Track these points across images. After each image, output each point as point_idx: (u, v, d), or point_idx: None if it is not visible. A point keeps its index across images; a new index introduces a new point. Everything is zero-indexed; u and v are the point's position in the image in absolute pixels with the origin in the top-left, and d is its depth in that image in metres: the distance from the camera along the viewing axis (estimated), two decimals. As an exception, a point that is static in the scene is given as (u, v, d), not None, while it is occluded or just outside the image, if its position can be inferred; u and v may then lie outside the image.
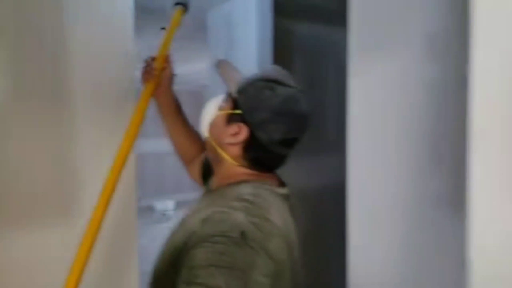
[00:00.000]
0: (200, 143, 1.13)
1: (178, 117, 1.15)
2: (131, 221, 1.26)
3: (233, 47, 2.68)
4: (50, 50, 1.11)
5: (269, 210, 0.71)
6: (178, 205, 5.80)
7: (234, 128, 0.78)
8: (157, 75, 1.09)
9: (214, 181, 0.85)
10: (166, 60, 1.13)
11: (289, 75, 0.82)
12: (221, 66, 0.86)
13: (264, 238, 0.66)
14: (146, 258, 1.27)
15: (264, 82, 0.78)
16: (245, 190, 0.74)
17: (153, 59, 1.12)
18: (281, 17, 2.58)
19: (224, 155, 0.81)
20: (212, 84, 2.69)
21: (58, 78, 1.13)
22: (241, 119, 0.77)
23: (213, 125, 0.84)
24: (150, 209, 5.67)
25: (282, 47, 2.53)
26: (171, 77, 1.14)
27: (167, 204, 5.60)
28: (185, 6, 1.24)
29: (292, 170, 1.15)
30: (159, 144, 6.74)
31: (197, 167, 1.08)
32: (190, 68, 5.18)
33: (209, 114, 0.85)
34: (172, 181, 6.48)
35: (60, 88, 1.13)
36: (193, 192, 7.08)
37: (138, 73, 1.18)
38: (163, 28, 3.62)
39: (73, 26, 1.14)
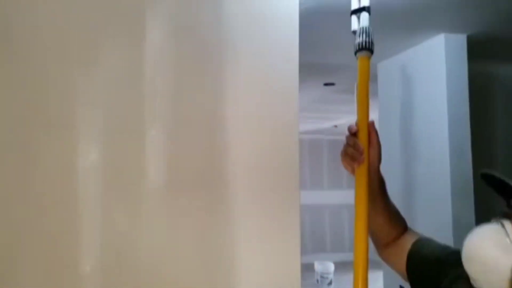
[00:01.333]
0: (401, 226, 0.95)
1: (380, 197, 0.94)
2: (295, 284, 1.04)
3: (412, 101, 2.35)
4: (206, 130, 1.01)
5: None
6: (336, 266, 5.36)
7: None
8: (366, 157, 0.87)
9: None
10: (370, 130, 0.88)
11: None
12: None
13: None
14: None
15: None
16: None
17: (355, 134, 0.88)
18: (476, 61, 2.18)
19: None
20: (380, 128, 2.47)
21: (214, 159, 1.01)
22: None
23: None
24: (309, 268, 5.38)
25: (480, 96, 2.15)
26: (380, 152, 0.89)
27: (328, 266, 5.23)
28: (370, 50, 0.94)
29: None
30: (317, 196, 6.59)
31: (398, 257, 0.91)
32: (352, 119, 4.94)
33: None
34: (330, 238, 6.12)
35: (216, 171, 1.01)
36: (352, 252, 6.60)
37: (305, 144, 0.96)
38: (327, 84, 3.50)
39: (233, 96, 1.01)
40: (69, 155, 0.93)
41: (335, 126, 5.62)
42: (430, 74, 2.24)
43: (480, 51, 2.21)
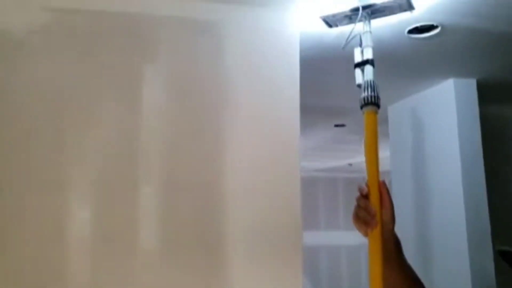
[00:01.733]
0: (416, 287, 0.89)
1: (395, 259, 0.88)
2: None
3: (424, 144, 2.31)
4: (204, 185, 0.97)
5: None
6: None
7: None
8: (378, 221, 0.82)
9: None
10: (381, 190, 0.84)
11: None
12: None
13: None
14: None
15: None
16: None
17: (366, 195, 0.83)
18: (487, 104, 2.14)
19: None
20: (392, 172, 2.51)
21: (212, 215, 0.98)
22: None
23: None
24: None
25: (493, 139, 2.11)
26: (393, 213, 0.84)
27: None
28: (376, 105, 0.91)
29: None
30: (333, 236, 6.40)
31: None
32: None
33: None
34: (347, 281, 5.89)
35: (214, 229, 0.98)
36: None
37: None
38: (337, 126, 3.49)
39: (232, 151, 0.98)
40: (61, 215, 0.91)
41: (350, 164, 5.55)
42: (440, 117, 2.20)
43: (490, 95, 2.17)
